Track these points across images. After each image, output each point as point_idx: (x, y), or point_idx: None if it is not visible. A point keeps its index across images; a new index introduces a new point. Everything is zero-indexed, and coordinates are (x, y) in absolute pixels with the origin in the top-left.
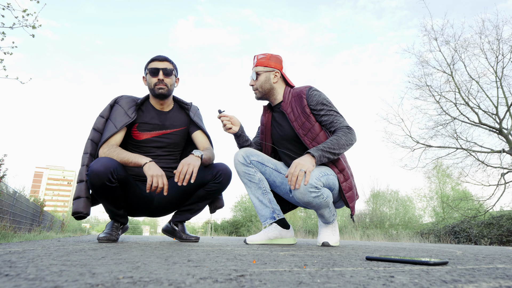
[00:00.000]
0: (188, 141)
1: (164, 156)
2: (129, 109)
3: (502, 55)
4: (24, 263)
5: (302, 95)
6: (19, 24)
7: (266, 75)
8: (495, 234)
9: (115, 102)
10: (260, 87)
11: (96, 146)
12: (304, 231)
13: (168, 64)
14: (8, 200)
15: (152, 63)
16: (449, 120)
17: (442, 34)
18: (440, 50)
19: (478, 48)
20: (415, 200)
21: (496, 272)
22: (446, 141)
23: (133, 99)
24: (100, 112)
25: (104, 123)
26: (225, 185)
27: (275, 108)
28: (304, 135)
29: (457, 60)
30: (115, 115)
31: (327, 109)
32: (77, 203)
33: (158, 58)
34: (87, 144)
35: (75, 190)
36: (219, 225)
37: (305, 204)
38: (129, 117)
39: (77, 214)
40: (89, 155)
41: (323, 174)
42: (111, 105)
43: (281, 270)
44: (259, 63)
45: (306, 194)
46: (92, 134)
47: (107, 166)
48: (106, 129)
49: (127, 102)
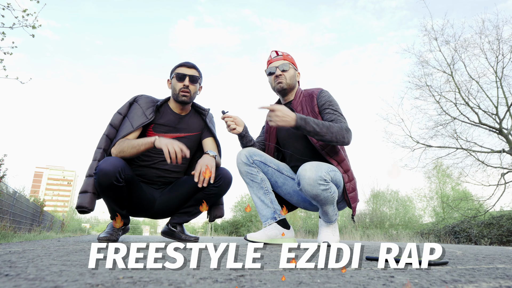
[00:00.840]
0: (200, 147)
1: None
2: (147, 109)
3: (502, 55)
4: (24, 263)
5: (314, 95)
6: (19, 24)
7: (294, 72)
8: (495, 234)
9: (134, 100)
10: (290, 79)
11: (110, 142)
12: (304, 231)
13: (195, 71)
14: (8, 200)
15: (180, 68)
16: (449, 120)
17: (442, 34)
18: (440, 50)
19: (478, 48)
20: (415, 200)
21: (496, 272)
22: (446, 141)
23: (152, 100)
24: (118, 108)
25: (121, 120)
26: (224, 189)
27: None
28: None
29: (457, 60)
30: (133, 114)
31: (332, 109)
32: (83, 197)
33: (186, 64)
34: (101, 139)
35: (82, 183)
36: (219, 225)
37: (312, 197)
38: (146, 118)
39: (81, 208)
40: (102, 150)
41: (331, 169)
42: (130, 102)
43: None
44: (287, 58)
45: (315, 186)
46: (108, 129)
47: (116, 165)
48: (122, 126)
49: (146, 102)
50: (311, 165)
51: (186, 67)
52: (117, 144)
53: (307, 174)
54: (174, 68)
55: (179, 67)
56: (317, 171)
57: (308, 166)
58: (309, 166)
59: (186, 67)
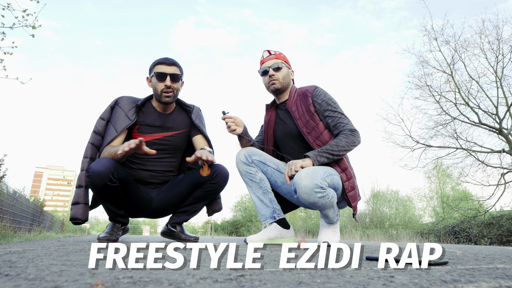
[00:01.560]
0: (190, 144)
1: (165, 158)
2: (129, 111)
3: (502, 55)
4: (24, 263)
5: (308, 94)
6: (19, 24)
7: (287, 70)
8: (495, 234)
9: (115, 103)
10: (283, 78)
11: (96, 150)
12: (304, 231)
13: (176, 69)
14: (8, 200)
15: (160, 66)
16: (449, 120)
17: (442, 34)
18: (440, 50)
19: (478, 48)
20: (415, 200)
21: (496, 272)
22: (446, 141)
23: (133, 100)
24: (100, 114)
25: (105, 126)
26: (222, 185)
27: (279, 105)
28: (308, 134)
29: (457, 60)
30: (115, 117)
31: (332, 110)
32: (75, 209)
33: (165, 62)
34: (87, 148)
35: (73, 195)
36: (219, 225)
37: (310, 205)
38: (129, 120)
39: (75, 220)
40: (89, 159)
41: (328, 174)
42: (111, 106)
43: (281, 270)
44: (280, 57)
45: (311, 194)
46: (92, 137)
47: (108, 166)
48: (107, 133)
49: (128, 104)
50: (307, 173)
51: (166, 65)
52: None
53: (303, 183)
54: (153, 66)
55: (159, 64)
56: (312, 178)
57: (304, 173)
58: (305, 174)
59: (166, 65)
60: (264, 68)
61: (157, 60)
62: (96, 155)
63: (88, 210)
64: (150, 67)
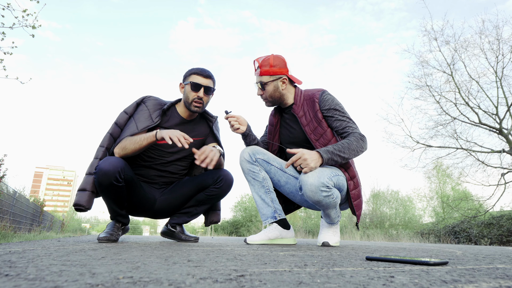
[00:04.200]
0: None
1: (175, 162)
2: (154, 112)
3: (502, 55)
4: (24, 263)
5: (315, 99)
6: (19, 24)
7: (274, 84)
8: (495, 234)
9: (142, 101)
10: (270, 96)
11: (113, 141)
12: (304, 231)
13: (211, 82)
14: (8, 200)
15: (196, 76)
16: (449, 120)
17: (442, 34)
18: (440, 50)
19: (478, 48)
20: (415, 200)
21: (496, 272)
22: (446, 141)
23: (160, 103)
24: (124, 107)
25: (126, 120)
26: (225, 191)
27: (285, 110)
28: (316, 141)
29: (457, 60)
30: (139, 115)
31: (340, 114)
32: (81, 195)
33: (202, 74)
34: (105, 137)
35: (82, 181)
36: (219, 225)
37: (314, 203)
38: (152, 121)
39: (78, 206)
40: (105, 148)
41: (334, 174)
42: (137, 103)
43: (281, 270)
44: (263, 72)
45: (317, 193)
46: (112, 128)
47: (115, 165)
48: (127, 126)
49: (154, 105)
50: (314, 171)
51: (203, 77)
52: (120, 143)
53: (309, 180)
54: (189, 74)
55: (195, 74)
56: (319, 177)
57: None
58: (311, 172)
59: (203, 77)
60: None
61: (194, 69)
62: (112, 146)
63: (93, 199)
64: (186, 74)
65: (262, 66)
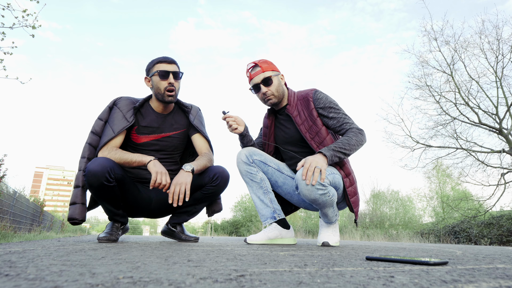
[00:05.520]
0: (188, 144)
1: (163, 159)
2: (127, 112)
3: (502, 55)
4: (24, 263)
5: (309, 98)
6: (19, 24)
7: (277, 79)
8: (495, 234)
9: (113, 104)
10: (276, 91)
11: (94, 150)
12: (304, 231)
13: (176, 67)
14: (8, 200)
15: (161, 65)
16: (449, 120)
17: (442, 34)
18: (440, 50)
19: (478, 48)
20: (415, 200)
21: (496, 272)
22: (446, 141)
23: (132, 101)
24: (98, 114)
25: (102, 126)
26: (222, 188)
27: (279, 111)
28: (311, 139)
29: (457, 60)
30: (113, 118)
31: (335, 111)
32: (73, 209)
33: (166, 60)
34: (84, 148)
35: (71, 195)
36: (219, 225)
37: (311, 202)
38: (127, 121)
39: (73, 220)
40: (86, 159)
41: (329, 173)
42: (110, 107)
43: (281, 270)
44: (266, 68)
45: (313, 191)
46: (90, 137)
47: (104, 165)
48: (104, 133)
49: (126, 105)
50: None
51: (167, 63)
52: (107, 152)
53: None
54: (153, 65)
55: (159, 63)
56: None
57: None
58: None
59: (167, 63)
60: (255, 85)
61: (157, 59)
62: (94, 155)
63: (86, 210)
64: (149, 66)
65: (262, 65)
